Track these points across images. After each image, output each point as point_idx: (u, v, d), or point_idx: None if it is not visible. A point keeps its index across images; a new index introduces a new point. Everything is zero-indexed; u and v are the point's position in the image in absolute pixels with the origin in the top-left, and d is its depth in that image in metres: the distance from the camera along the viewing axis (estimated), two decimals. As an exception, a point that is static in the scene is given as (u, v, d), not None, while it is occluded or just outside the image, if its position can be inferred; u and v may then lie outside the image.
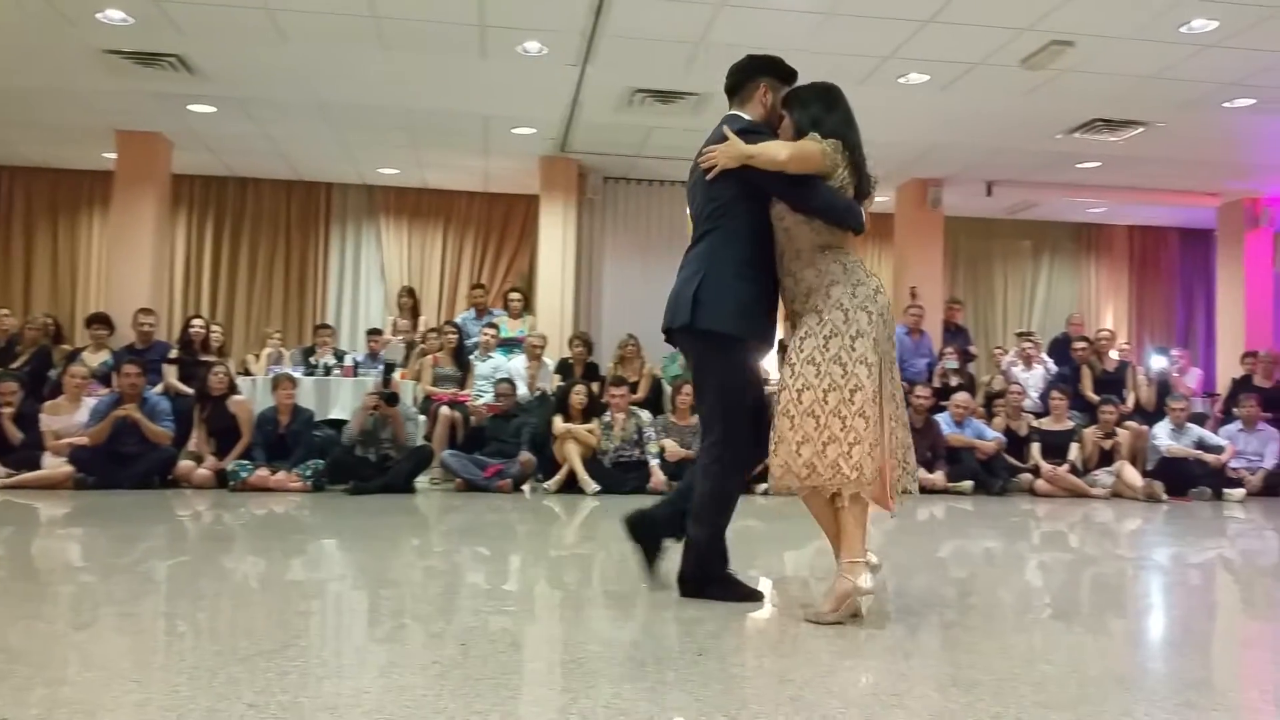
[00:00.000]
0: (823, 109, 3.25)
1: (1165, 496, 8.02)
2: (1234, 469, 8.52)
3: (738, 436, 3.30)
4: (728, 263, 3.24)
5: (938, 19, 6.68)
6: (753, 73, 3.43)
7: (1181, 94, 7.94)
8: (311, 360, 8.92)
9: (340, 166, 10.95)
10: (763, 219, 3.25)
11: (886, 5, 6.51)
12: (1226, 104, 8.13)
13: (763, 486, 6.95)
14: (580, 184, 10.68)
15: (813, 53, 7.25)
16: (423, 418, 8.28)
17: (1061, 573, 4.51)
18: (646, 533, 3.55)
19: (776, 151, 3.12)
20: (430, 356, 8.85)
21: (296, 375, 8.21)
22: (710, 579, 3.38)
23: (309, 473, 7.27)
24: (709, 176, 3.24)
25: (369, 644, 2.87)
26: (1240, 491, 8.27)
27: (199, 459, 7.44)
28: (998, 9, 6.52)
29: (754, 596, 3.41)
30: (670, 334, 3.45)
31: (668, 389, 8.78)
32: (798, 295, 3.23)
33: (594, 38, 7.08)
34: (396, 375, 8.47)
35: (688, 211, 3.52)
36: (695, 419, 8.26)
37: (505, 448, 7.77)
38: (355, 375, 8.54)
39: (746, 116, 3.39)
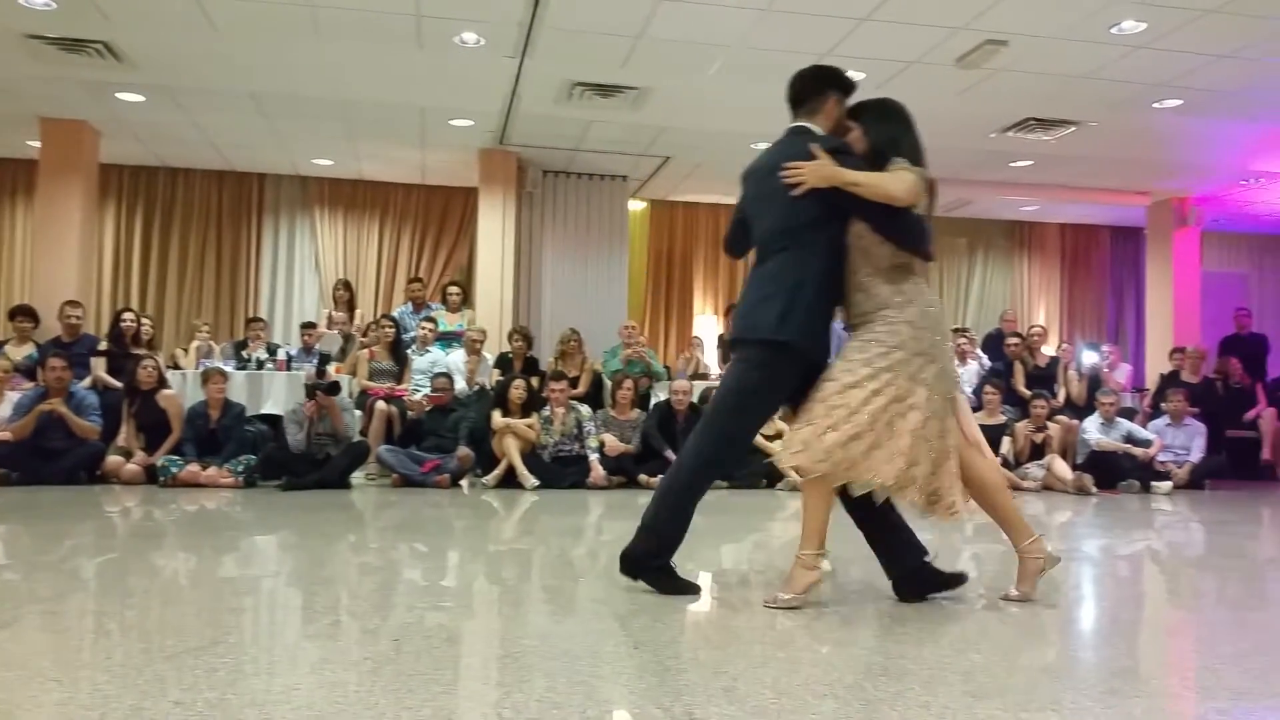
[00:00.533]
0: (901, 129, 3.34)
1: (1094, 489, 8.21)
2: (1161, 462, 8.73)
3: (748, 440, 3.42)
4: (812, 280, 3.26)
5: (874, 17, 6.75)
6: (823, 85, 3.44)
7: (1112, 94, 8.11)
8: (243, 354, 8.76)
9: (274, 157, 10.76)
10: (843, 239, 3.29)
11: (824, 2, 6.55)
12: (1155, 104, 8.33)
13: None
14: (519, 177, 10.60)
15: (750, 48, 7.30)
16: (359, 413, 8.17)
17: (993, 564, 4.59)
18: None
19: (890, 187, 3.15)
20: (366, 351, 8.74)
21: (228, 369, 8.06)
22: (654, 566, 3.41)
23: (241, 468, 7.14)
24: (795, 193, 3.21)
25: (301, 641, 2.82)
26: (1167, 484, 8.49)
27: (128, 454, 7.27)
28: (933, 8, 6.60)
29: (690, 590, 3.42)
30: (739, 342, 3.41)
31: (608, 383, 8.78)
32: (867, 310, 3.27)
33: (532, 30, 7.03)
34: (331, 368, 8.36)
35: (740, 217, 3.53)
36: (635, 413, 8.29)
37: (443, 443, 7.71)
38: (289, 369, 8.40)
39: (817, 130, 3.38)
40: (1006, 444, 8.70)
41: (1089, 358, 10.66)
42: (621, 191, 11.31)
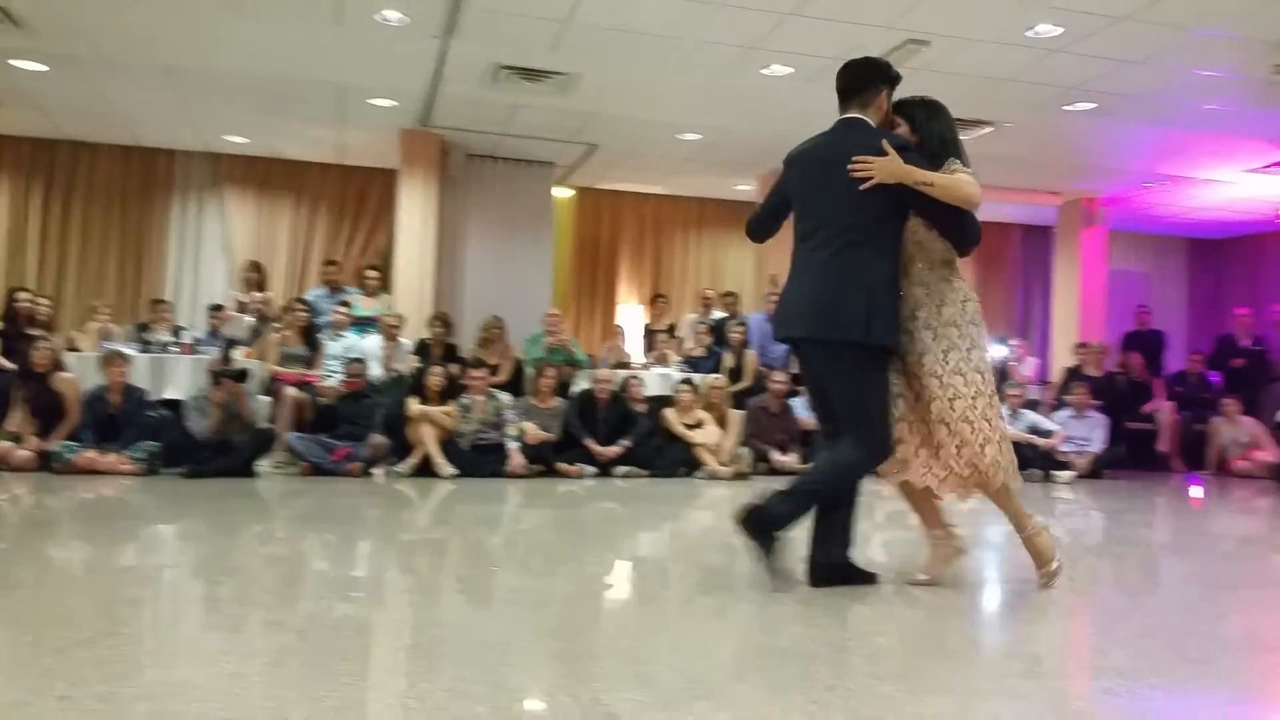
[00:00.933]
0: (948, 129, 3.46)
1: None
2: (1063, 453, 8.98)
3: (887, 439, 3.37)
4: (884, 277, 3.30)
5: (800, 12, 6.79)
6: (876, 78, 3.46)
7: (1028, 96, 8.29)
8: (146, 337, 8.47)
9: (184, 133, 10.41)
10: (901, 234, 3.37)
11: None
12: (1068, 107, 8.53)
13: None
14: (442, 160, 10.43)
15: (678, 38, 7.30)
16: (267, 399, 7.98)
17: (903, 549, 4.67)
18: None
19: (966, 190, 3.26)
20: (276, 335, 8.52)
21: (130, 352, 7.79)
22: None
23: (142, 455, 6.91)
24: (864, 188, 3.22)
25: (200, 632, 2.74)
26: (1069, 474, 8.73)
27: (18, 439, 6.98)
28: (857, 6, 6.65)
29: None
30: (802, 341, 3.41)
31: (530, 371, 8.71)
32: (929, 305, 3.38)
33: (458, 10, 6.91)
34: (239, 353, 8.14)
35: (778, 201, 3.53)
36: (557, 402, 8.24)
37: (356, 430, 7.56)
38: (194, 353, 8.15)
39: (870, 122, 3.40)
40: (920, 434, 8.86)
41: (998, 352, 10.91)
42: (547, 178, 11.22)
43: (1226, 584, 3.84)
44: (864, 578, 3.42)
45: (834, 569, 3.36)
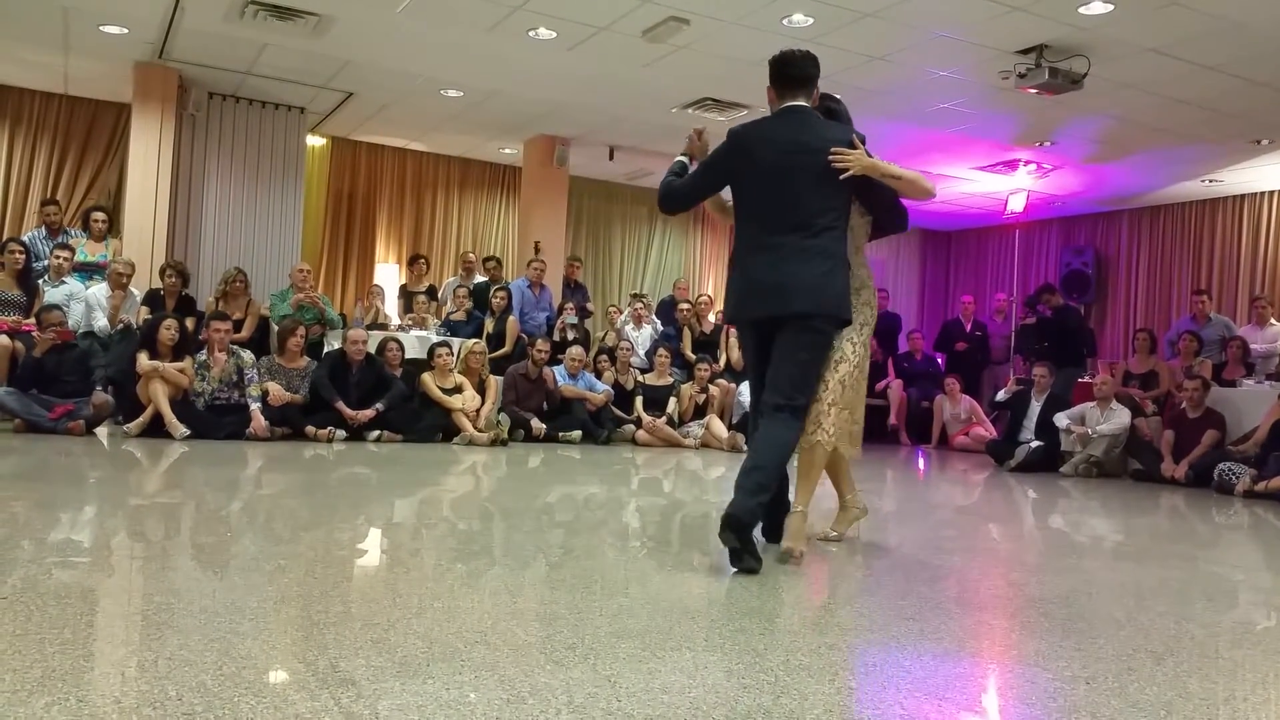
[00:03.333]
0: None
1: (745, 447, 8.80)
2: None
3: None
4: (844, 259, 3.55)
5: (570, -23, 6.77)
6: (817, 72, 3.68)
7: (780, 82, 8.65)
8: None
9: (-122, 46, 9.17)
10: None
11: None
12: (819, 96, 8.98)
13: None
14: (181, 97, 9.70)
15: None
16: (-25, 348, 7.21)
17: (655, 515, 4.82)
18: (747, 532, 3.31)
19: (926, 184, 3.61)
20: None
21: None
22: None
23: None
24: (844, 177, 3.43)
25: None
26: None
27: None
28: (625, -23, 6.72)
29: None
30: (785, 319, 3.49)
31: (275, 329, 8.30)
32: (852, 287, 3.65)
33: (203, -62, 6.44)
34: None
35: (715, 181, 3.70)
36: (305, 361, 7.89)
37: (75, 386, 6.94)
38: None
39: (816, 113, 3.64)
40: (672, 404, 9.16)
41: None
42: (299, 124, 10.67)
43: (943, 549, 4.20)
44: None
45: (777, 525, 3.70)
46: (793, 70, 3.66)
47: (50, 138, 10.35)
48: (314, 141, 11.50)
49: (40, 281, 7.98)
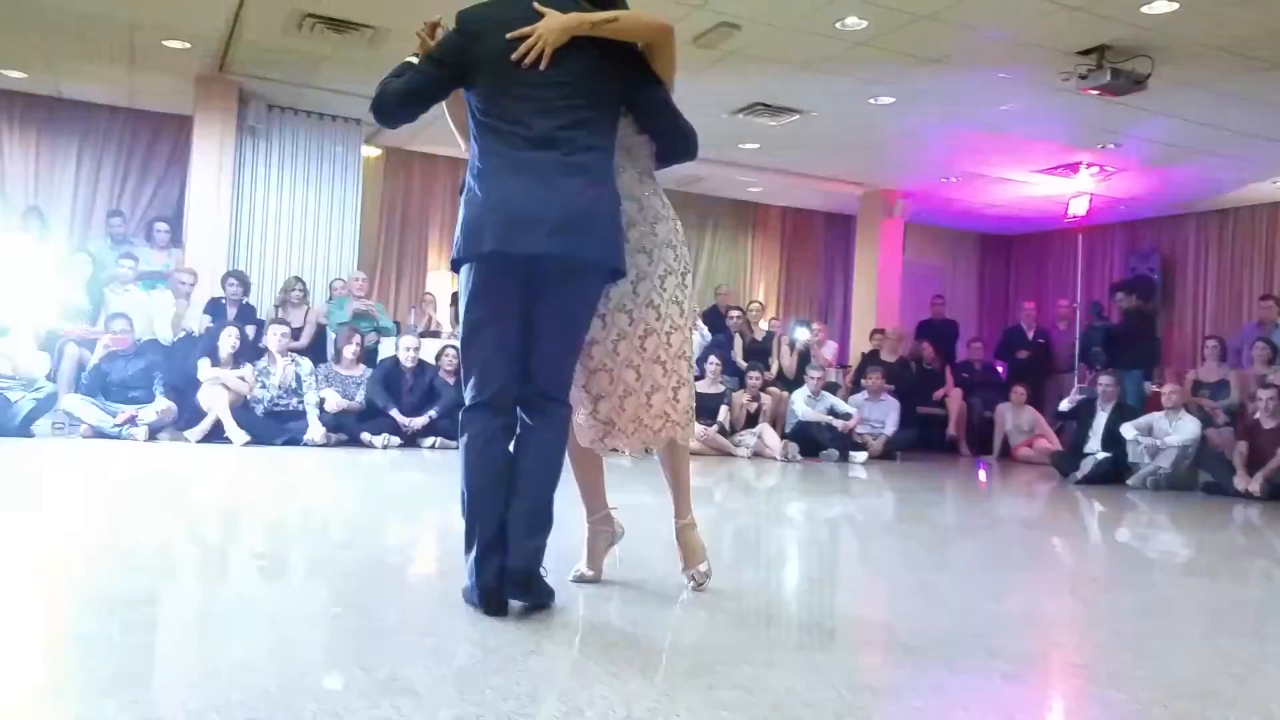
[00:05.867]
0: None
1: (799, 457, 8.74)
2: (859, 434, 9.41)
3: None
4: (615, 187, 2.72)
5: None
6: None
7: (834, 86, 8.57)
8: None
9: (-47, 64, 9.44)
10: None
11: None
12: (872, 100, 8.88)
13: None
14: (241, 110, 9.85)
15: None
16: (46, 355, 7.37)
17: (706, 526, 4.76)
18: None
19: (653, 18, 2.78)
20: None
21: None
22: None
23: (-107, 413, 6.28)
24: (543, 67, 2.58)
25: None
26: (863, 454, 9.15)
27: None
28: (673, -15, 6.69)
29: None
30: (536, 259, 2.56)
31: (332, 336, 8.39)
32: (641, 224, 2.82)
33: (263, -48, 6.54)
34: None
35: (437, 78, 2.72)
36: (361, 369, 7.97)
37: (137, 394, 7.07)
38: (-40, 303, 7.45)
39: None
40: (724, 412, 9.10)
41: (801, 334, 11.32)
42: (355, 135, 10.78)
43: (1008, 564, 4.10)
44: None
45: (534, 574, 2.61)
46: None
47: (115, 150, 10.57)
48: (369, 152, 11.62)
49: (106, 290, 8.15)
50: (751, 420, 9.26)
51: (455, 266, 2.69)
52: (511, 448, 2.63)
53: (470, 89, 2.67)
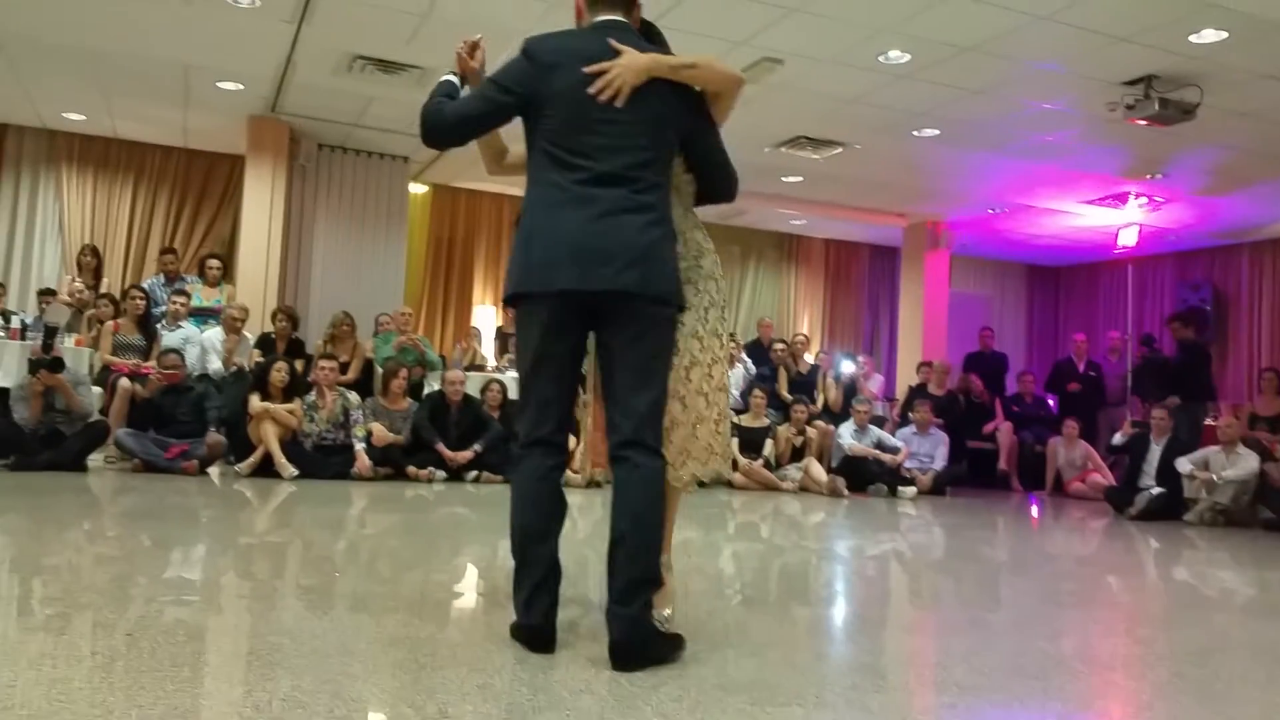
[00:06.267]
0: None
1: (846, 492, 8.65)
2: (907, 469, 9.30)
3: None
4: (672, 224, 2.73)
5: (663, 23, 6.81)
6: None
7: (877, 119, 8.58)
8: (-26, 320, 7.89)
9: (17, 107, 9.71)
10: None
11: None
12: (915, 132, 8.87)
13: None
14: (292, 149, 10.06)
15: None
16: (99, 389, 7.52)
17: (753, 561, 4.73)
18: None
19: (727, 67, 2.84)
20: (111, 323, 8.05)
21: (-50, 336, 7.23)
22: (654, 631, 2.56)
23: (-42, 445, 6.43)
24: (606, 96, 2.58)
25: (22, 635, 2.54)
26: (912, 490, 9.05)
27: None
28: (716, 21, 6.72)
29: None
30: (613, 297, 2.52)
31: (379, 371, 8.48)
32: (686, 257, 2.83)
33: (313, -4, 6.69)
34: (70, 340, 7.64)
35: (504, 105, 2.69)
36: (407, 403, 8.03)
37: (188, 427, 7.18)
38: (23, 339, 7.63)
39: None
40: (769, 446, 9.04)
41: (846, 367, 11.25)
42: (402, 173, 10.97)
43: (1063, 602, 4.01)
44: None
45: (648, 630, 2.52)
46: None
47: (169, 189, 10.83)
48: (416, 189, 11.79)
49: (159, 326, 8.31)
50: (797, 454, 9.19)
51: (512, 302, 2.64)
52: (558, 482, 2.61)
53: (536, 119, 2.63)
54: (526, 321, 2.61)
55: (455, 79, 2.84)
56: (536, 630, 2.51)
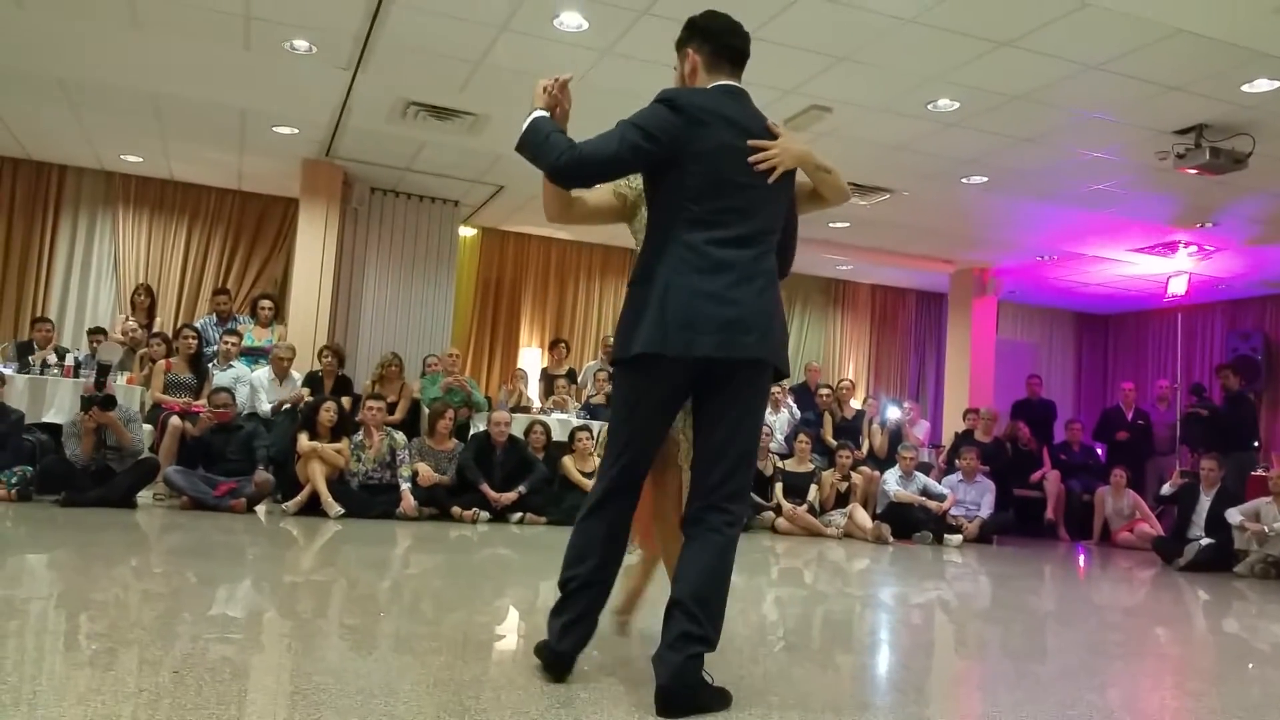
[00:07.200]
0: None
1: (891, 539, 8.56)
2: (953, 516, 9.19)
3: None
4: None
5: (711, 71, 6.91)
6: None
7: (925, 167, 8.58)
8: (29, 357, 8.09)
9: (77, 148, 10.03)
10: None
11: (663, 51, 6.64)
12: (964, 180, 8.86)
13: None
14: (345, 192, 10.27)
15: (589, 87, 7.35)
16: (149, 427, 7.66)
17: (796, 607, 4.69)
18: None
19: (842, 181, 2.88)
20: (163, 361, 8.22)
21: (7, 372, 7.41)
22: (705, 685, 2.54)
23: (15, 480, 6.57)
24: (772, 179, 2.65)
25: (70, 670, 2.58)
26: (958, 537, 8.93)
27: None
28: (765, 70, 6.78)
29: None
30: (738, 364, 2.57)
31: (426, 411, 8.56)
32: None
33: (368, 43, 6.85)
34: (122, 378, 7.81)
35: (650, 153, 2.65)
36: (453, 443, 8.09)
37: (237, 465, 7.28)
38: (76, 376, 7.81)
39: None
40: (813, 491, 8.98)
41: (892, 413, 11.16)
42: (452, 216, 11.14)
43: (1110, 653, 3.94)
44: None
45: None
46: (739, 42, 2.88)
47: (224, 231, 11.08)
48: (465, 232, 11.96)
49: (210, 365, 8.47)
50: (842, 500, 9.12)
51: (632, 361, 2.59)
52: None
53: (672, 173, 2.62)
54: (647, 381, 2.61)
55: (545, 113, 2.83)
56: (561, 656, 2.67)
